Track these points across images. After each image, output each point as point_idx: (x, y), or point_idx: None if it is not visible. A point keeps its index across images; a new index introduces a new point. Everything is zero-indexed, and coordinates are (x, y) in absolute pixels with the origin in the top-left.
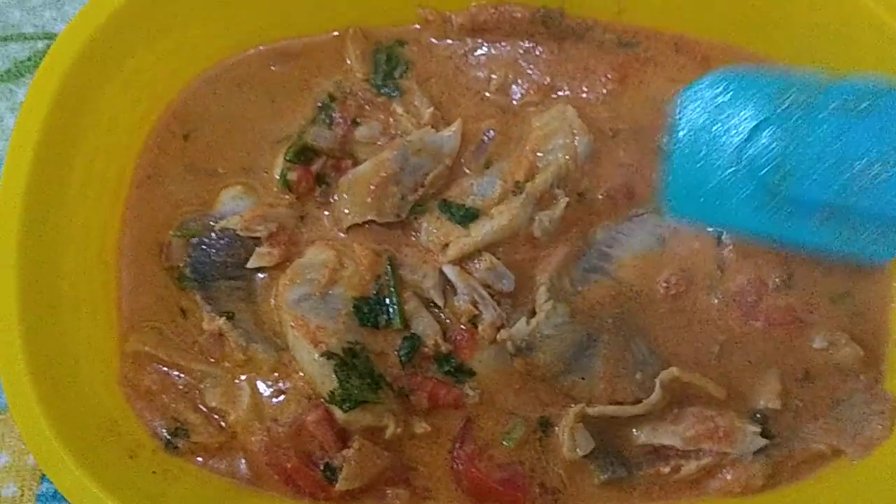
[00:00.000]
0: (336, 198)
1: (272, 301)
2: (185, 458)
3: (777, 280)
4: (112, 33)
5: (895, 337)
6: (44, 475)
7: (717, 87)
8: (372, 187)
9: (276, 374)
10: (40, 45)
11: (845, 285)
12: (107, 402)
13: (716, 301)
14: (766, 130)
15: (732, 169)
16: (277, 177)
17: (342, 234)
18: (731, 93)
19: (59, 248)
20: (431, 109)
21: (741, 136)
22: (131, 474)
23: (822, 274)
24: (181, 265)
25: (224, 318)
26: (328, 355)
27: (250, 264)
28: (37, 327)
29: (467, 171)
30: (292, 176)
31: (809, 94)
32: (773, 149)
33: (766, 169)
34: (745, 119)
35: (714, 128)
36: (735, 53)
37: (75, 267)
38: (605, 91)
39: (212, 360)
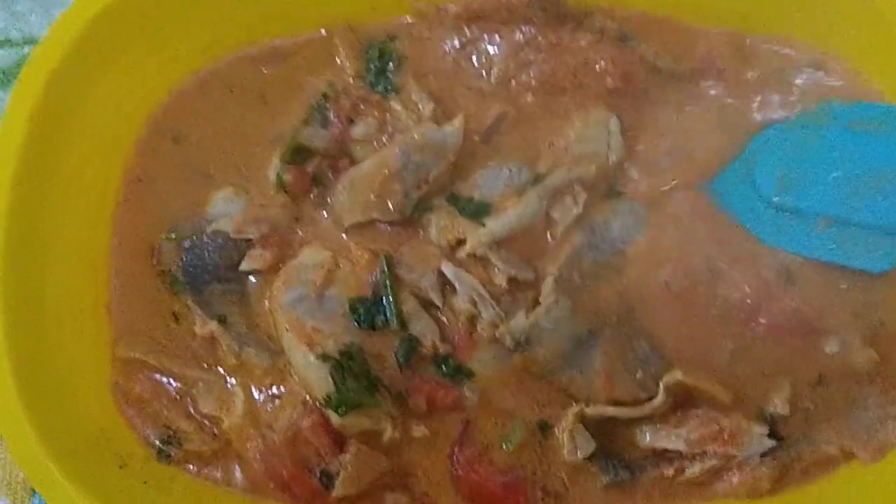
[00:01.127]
0: (335, 197)
1: (266, 304)
2: (178, 467)
3: (787, 284)
4: (97, 36)
5: None
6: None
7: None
8: (375, 185)
9: (270, 379)
10: (27, 50)
11: (858, 289)
12: (96, 410)
13: (728, 305)
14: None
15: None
16: (273, 178)
17: (342, 235)
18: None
19: (47, 254)
20: (432, 105)
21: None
22: (122, 485)
23: (833, 278)
24: (172, 269)
25: (216, 322)
26: (324, 358)
27: (243, 267)
28: (23, 336)
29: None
30: (288, 177)
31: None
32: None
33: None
34: None
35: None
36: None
37: (63, 272)
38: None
39: (205, 365)
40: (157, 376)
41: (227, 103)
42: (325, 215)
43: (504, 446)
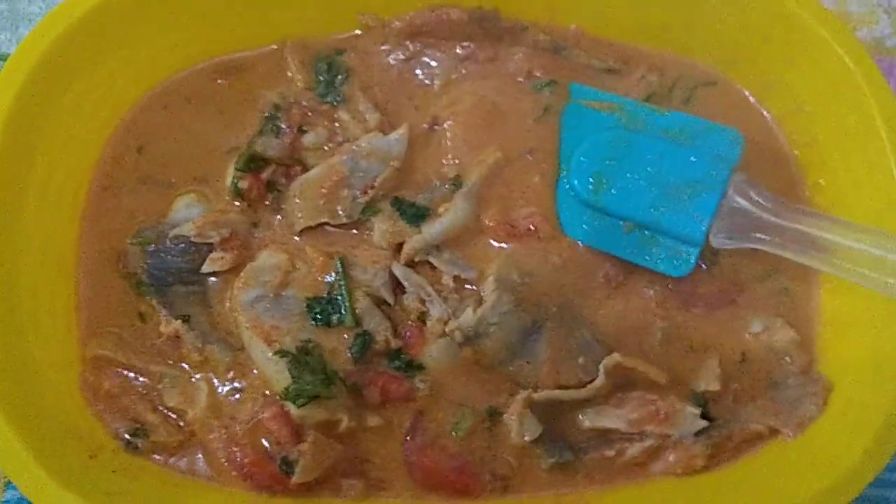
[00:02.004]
0: (287, 203)
1: (227, 304)
2: (145, 458)
3: (706, 264)
4: (63, 52)
5: (825, 319)
6: (9, 483)
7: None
8: (323, 191)
9: (231, 374)
10: None
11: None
12: (68, 405)
13: (653, 292)
14: (589, 142)
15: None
16: (229, 185)
17: (296, 238)
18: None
19: (18, 259)
20: (378, 115)
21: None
22: (92, 474)
23: (749, 258)
24: (138, 272)
25: (180, 321)
26: (282, 353)
27: (204, 269)
28: None
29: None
30: (243, 184)
31: (636, 119)
32: (594, 161)
33: (585, 179)
34: (581, 132)
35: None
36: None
37: (34, 276)
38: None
39: (170, 361)
40: (125, 372)
41: (186, 115)
42: (281, 220)
43: (454, 433)
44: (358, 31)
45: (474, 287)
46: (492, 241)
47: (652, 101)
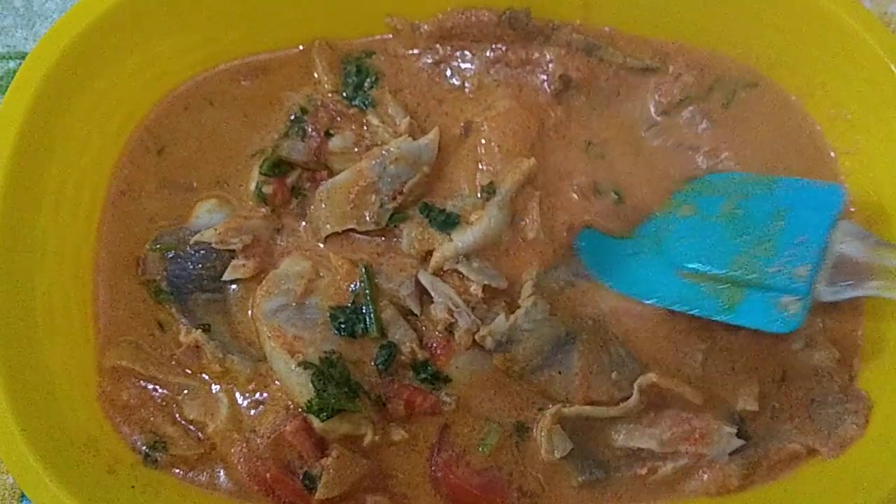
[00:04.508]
0: (312, 208)
1: (249, 312)
2: (165, 472)
3: None
4: (82, 51)
5: (866, 336)
6: (23, 493)
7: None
8: (351, 196)
9: (253, 385)
10: (12, 64)
11: None
12: (85, 417)
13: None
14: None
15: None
16: (253, 190)
17: (320, 245)
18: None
19: (34, 266)
20: (408, 119)
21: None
22: (110, 490)
23: None
24: (157, 279)
25: (200, 331)
26: (305, 365)
27: (226, 276)
28: (13, 345)
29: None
30: (267, 189)
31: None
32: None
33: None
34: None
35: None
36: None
37: (51, 284)
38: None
39: (189, 372)
40: (144, 384)
41: (208, 117)
42: (305, 226)
43: (481, 449)
44: (384, 36)
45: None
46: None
47: (689, 102)
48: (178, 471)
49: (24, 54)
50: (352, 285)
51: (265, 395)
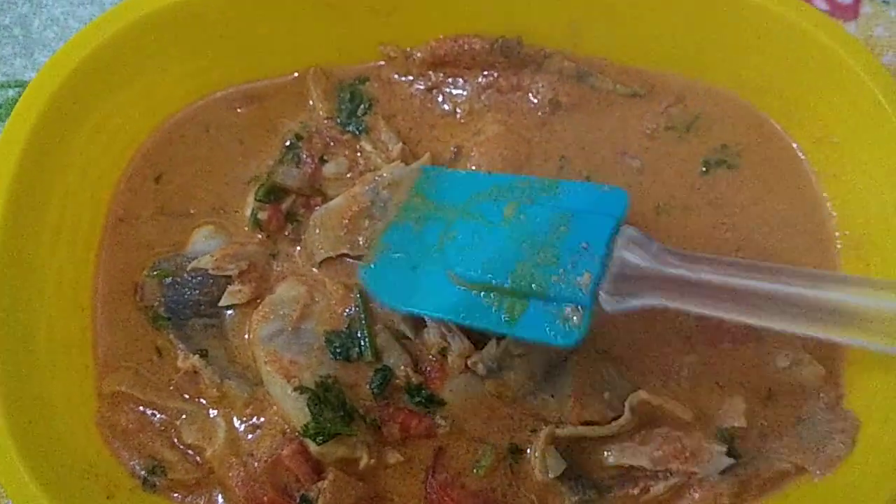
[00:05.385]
0: (306, 234)
1: (245, 337)
2: (163, 496)
3: None
4: (81, 81)
5: (851, 355)
6: None
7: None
8: (345, 221)
9: (250, 410)
10: (11, 93)
11: None
12: (84, 443)
13: (680, 328)
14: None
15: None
16: (248, 216)
17: (315, 270)
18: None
19: (34, 292)
20: (400, 144)
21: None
22: None
23: None
24: (155, 305)
25: (198, 356)
26: (301, 389)
27: (222, 302)
28: (12, 371)
29: None
30: (262, 215)
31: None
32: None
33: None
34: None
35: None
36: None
37: (50, 310)
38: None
39: (187, 397)
40: (142, 409)
41: (204, 144)
42: (300, 251)
43: (475, 471)
44: (378, 63)
45: None
46: None
47: (675, 132)
48: (176, 495)
49: (22, 82)
50: (346, 310)
51: (262, 419)
